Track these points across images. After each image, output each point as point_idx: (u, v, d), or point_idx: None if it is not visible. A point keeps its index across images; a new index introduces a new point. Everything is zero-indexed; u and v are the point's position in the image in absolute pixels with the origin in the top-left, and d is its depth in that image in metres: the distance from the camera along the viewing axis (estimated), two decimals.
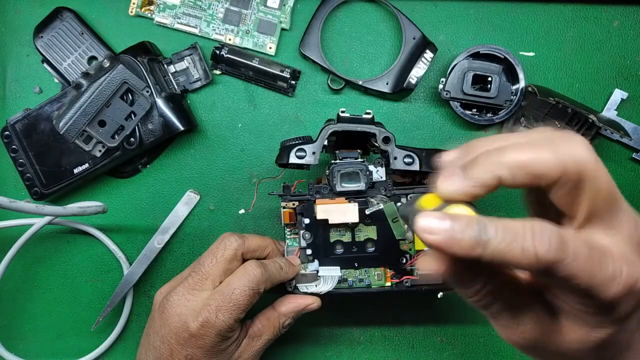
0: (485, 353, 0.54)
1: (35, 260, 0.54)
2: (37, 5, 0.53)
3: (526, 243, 0.23)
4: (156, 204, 0.54)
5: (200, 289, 0.41)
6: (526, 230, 0.23)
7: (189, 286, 0.41)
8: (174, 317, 0.40)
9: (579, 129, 0.52)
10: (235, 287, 0.40)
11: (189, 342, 0.40)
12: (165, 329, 0.40)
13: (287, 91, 0.53)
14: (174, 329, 0.40)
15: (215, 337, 0.39)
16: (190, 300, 0.40)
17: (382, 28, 0.53)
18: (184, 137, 0.54)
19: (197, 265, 0.42)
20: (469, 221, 0.24)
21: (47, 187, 0.51)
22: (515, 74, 0.51)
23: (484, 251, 0.23)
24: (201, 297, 0.40)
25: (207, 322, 0.39)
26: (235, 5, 0.52)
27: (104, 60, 0.48)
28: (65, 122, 0.47)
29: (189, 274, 0.42)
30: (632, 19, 0.53)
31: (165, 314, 0.41)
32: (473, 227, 0.23)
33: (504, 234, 0.23)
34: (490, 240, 0.23)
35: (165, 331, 0.40)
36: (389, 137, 0.43)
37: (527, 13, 0.53)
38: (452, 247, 0.23)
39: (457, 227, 0.23)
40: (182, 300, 0.40)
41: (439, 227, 0.24)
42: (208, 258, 0.42)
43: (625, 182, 0.53)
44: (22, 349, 0.54)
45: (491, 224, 0.24)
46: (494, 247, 0.23)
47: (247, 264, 0.41)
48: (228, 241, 0.42)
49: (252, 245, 0.43)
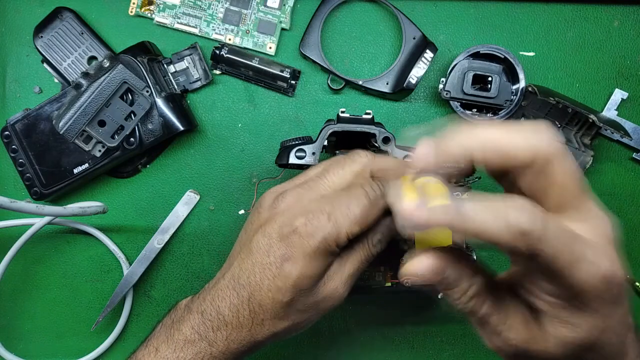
0: (485, 353, 0.54)
1: (35, 260, 0.54)
2: (37, 5, 0.53)
3: (510, 217, 0.23)
4: (156, 204, 0.54)
5: (318, 194, 0.37)
6: (508, 205, 0.24)
7: (309, 188, 0.37)
8: (284, 212, 0.36)
9: (579, 129, 0.52)
10: (353, 198, 0.36)
11: (290, 240, 0.35)
12: (270, 223, 0.36)
13: (287, 91, 0.53)
14: (279, 223, 0.36)
15: (319, 243, 0.34)
16: (305, 200, 0.36)
17: (382, 28, 0.53)
18: (184, 137, 0.54)
19: (322, 172, 0.38)
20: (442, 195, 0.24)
21: (47, 187, 0.51)
22: (515, 74, 0.51)
23: (465, 224, 0.23)
24: (318, 201, 0.36)
25: (316, 223, 0.35)
26: (235, 5, 0.52)
27: (104, 60, 0.48)
28: (65, 122, 0.47)
29: (311, 178, 0.38)
30: (632, 19, 0.53)
31: (276, 208, 0.37)
32: (448, 203, 0.24)
33: (485, 208, 0.24)
34: (469, 215, 0.23)
35: (270, 225, 0.36)
36: (389, 137, 0.43)
37: (527, 13, 0.53)
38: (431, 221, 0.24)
39: (433, 206, 0.24)
40: (297, 198, 0.37)
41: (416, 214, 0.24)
42: (334, 168, 0.38)
43: (625, 182, 0.53)
44: (22, 349, 0.54)
45: (471, 201, 0.24)
46: (476, 222, 0.23)
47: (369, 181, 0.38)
48: (358, 155, 0.38)
49: (382, 164, 0.38)
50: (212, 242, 0.54)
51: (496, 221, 0.23)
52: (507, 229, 0.23)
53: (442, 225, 0.24)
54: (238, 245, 0.39)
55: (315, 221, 0.34)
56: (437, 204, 0.24)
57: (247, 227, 0.39)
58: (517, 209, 0.23)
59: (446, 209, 0.24)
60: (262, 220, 0.37)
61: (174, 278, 0.54)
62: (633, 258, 0.53)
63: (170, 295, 0.54)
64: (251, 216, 0.39)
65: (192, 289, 0.54)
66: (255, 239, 0.36)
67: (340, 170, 0.37)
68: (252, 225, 0.38)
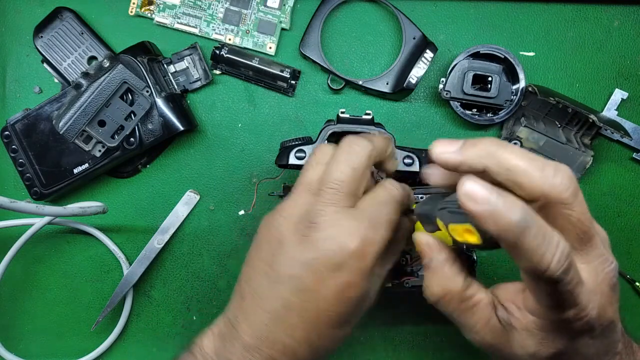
0: (485, 353, 0.54)
1: (35, 260, 0.54)
2: (37, 5, 0.53)
3: (551, 252, 0.25)
4: (156, 204, 0.54)
5: (347, 205, 0.34)
6: (554, 240, 0.25)
7: (333, 203, 0.34)
8: (327, 240, 0.33)
9: (579, 129, 0.52)
10: (383, 206, 0.35)
11: (347, 265, 0.33)
12: (312, 253, 0.33)
13: (287, 91, 0.53)
14: (327, 252, 0.33)
15: (375, 256, 0.34)
16: (341, 218, 0.33)
17: (382, 28, 0.53)
18: (184, 137, 0.54)
19: (327, 178, 0.35)
20: (516, 201, 0.24)
21: (47, 187, 0.51)
22: (515, 74, 0.50)
23: (519, 237, 0.24)
24: (352, 214, 0.34)
25: (367, 238, 0.33)
26: (235, 5, 0.52)
27: (104, 60, 0.48)
28: (65, 122, 0.47)
29: (322, 189, 0.34)
30: (632, 19, 0.53)
31: (312, 237, 0.33)
32: (518, 209, 0.24)
33: (542, 232, 0.25)
34: (529, 229, 0.24)
35: (312, 256, 0.33)
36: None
37: (527, 13, 0.53)
38: (489, 221, 0.24)
39: (503, 204, 0.24)
40: (332, 220, 0.33)
41: (484, 196, 0.24)
42: (343, 168, 0.34)
43: (625, 182, 0.53)
44: (22, 349, 0.54)
45: (534, 213, 0.25)
46: (530, 239, 0.24)
47: (387, 183, 0.37)
48: (358, 146, 0.35)
49: (380, 145, 0.37)
50: (212, 242, 0.54)
51: (544, 246, 0.25)
52: (545, 260, 0.25)
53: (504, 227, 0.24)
54: (265, 281, 0.34)
55: (366, 240, 0.33)
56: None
57: (268, 263, 0.35)
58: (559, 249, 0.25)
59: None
60: (295, 254, 0.34)
61: (174, 278, 0.54)
62: (633, 258, 0.53)
63: (170, 296, 0.54)
64: (263, 252, 0.35)
65: (192, 288, 0.54)
66: (297, 276, 0.33)
67: (350, 171, 0.35)
68: (281, 258, 0.34)
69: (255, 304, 0.34)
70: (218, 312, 0.54)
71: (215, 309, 0.54)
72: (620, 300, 0.32)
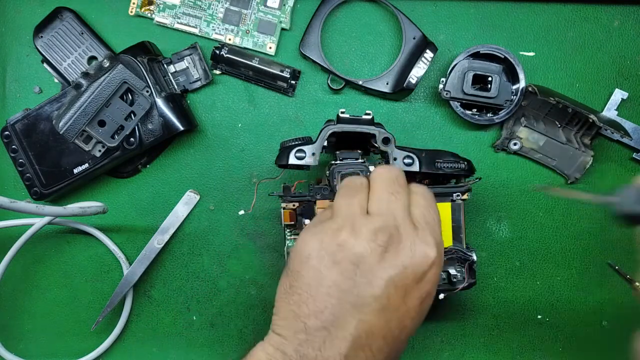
0: (485, 353, 0.54)
1: (35, 260, 0.54)
2: (37, 5, 0.53)
3: None
4: (156, 204, 0.54)
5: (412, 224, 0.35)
6: None
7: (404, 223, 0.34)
8: (408, 252, 0.33)
9: (579, 129, 0.52)
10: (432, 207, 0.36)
11: (428, 275, 0.34)
12: (395, 269, 0.33)
13: (287, 91, 0.53)
14: (414, 264, 0.33)
15: (441, 265, 0.35)
16: (417, 238, 0.34)
17: (382, 28, 0.53)
18: (184, 137, 0.54)
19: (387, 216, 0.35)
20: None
21: (47, 187, 0.51)
22: (515, 74, 0.50)
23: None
24: (425, 230, 0.35)
25: (440, 244, 0.35)
26: (235, 5, 0.52)
27: (104, 60, 0.48)
28: (65, 122, 0.47)
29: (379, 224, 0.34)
30: (632, 19, 0.53)
31: (392, 252, 0.33)
32: None
33: None
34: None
35: (395, 272, 0.33)
36: (389, 138, 0.43)
37: (527, 13, 0.53)
38: None
39: None
40: (410, 231, 0.34)
41: None
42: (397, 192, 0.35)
43: (625, 182, 0.53)
44: (22, 349, 0.54)
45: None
46: None
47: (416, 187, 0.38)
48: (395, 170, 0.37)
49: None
50: (212, 242, 0.54)
51: None
52: None
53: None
54: (340, 304, 0.33)
55: (439, 243, 0.35)
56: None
57: (341, 288, 0.33)
58: None
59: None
60: (375, 271, 0.33)
61: (174, 278, 0.54)
62: (633, 258, 0.53)
63: (170, 296, 0.54)
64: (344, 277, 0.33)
65: (192, 288, 0.54)
66: (379, 295, 0.33)
67: (400, 190, 0.36)
68: (366, 281, 0.33)
69: (332, 336, 0.32)
70: (218, 312, 0.54)
71: (215, 308, 0.54)
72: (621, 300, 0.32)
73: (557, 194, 0.51)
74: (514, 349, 0.54)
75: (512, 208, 0.54)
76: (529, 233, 0.54)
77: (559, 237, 0.54)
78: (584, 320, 0.54)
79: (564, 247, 0.54)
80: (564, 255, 0.54)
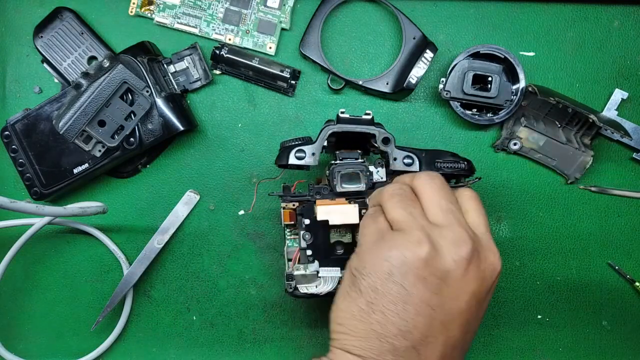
0: (485, 353, 0.54)
1: (35, 260, 0.54)
2: (37, 5, 0.53)
3: None
4: (156, 204, 0.54)
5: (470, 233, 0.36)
6: None
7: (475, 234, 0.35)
8: (484, 264, 0.35)
9: (579, 129, 0.52)
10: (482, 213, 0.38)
11: (496, 283, 0.36)
12: (477, 282, 0.34)
13: (287, 91, 0.53)
14: (489, 275, 0.35)
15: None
16: (483, 241, 0.36)
17: (382, 28, 0.53)
18: (184, 137, 0.54)
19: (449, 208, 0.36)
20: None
21: (47, 187, 0.51)
22: (515, 74, 0.50)
23: None
24: (481, 240, 0.36)
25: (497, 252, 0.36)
26: (235, 5, 0.52)
27: (104, 60, 0.48)
28: (65, 122, 0.47)
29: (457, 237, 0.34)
30: (632, 19, 0.53)
31: (473, 265, 0.34)
32: None
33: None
34: None
35: (477, 285, 0.34)
36: (389, 138, 0.43)
37: (527, 13, 0.53)
38: None
39: None
40: (482, 245, 0.35)
41: None
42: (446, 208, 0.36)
43: (625, 182, 0.53)
44: (22, 349, 0.54)
45: None
46: None
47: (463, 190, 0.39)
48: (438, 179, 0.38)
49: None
50: (212, 242, 0.54)
51: None
52: None
53: None
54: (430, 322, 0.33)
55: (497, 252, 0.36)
56: None
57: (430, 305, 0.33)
58: None
59: None
60: (460, 287, 0.33)
61: (174, 278, 0.54)
62: (633, 258, 0.53)
63: (170, 296, 0.54)
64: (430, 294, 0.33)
65: (192, 288, 0.54)
66: (463, 310, 0.34)
67: (453, 197, 0.37)
68: (453, 297, 0.33)
69: (422, 356, 0.32)
70: (218, 312, 0.54)
71: (215, 308, 0.54)
72: (620, 300, 0.32)
73: (605, 193, 0.51)
74: (514, 349, 0.54)
75: (512, 208, 0.54)
76: (529, 233, 0.54)
77: (559, 237, 0.54)
78: (584, 320, 0.54)
79: (564, 247, 0.54)
80: (564, 255, 0.54)
